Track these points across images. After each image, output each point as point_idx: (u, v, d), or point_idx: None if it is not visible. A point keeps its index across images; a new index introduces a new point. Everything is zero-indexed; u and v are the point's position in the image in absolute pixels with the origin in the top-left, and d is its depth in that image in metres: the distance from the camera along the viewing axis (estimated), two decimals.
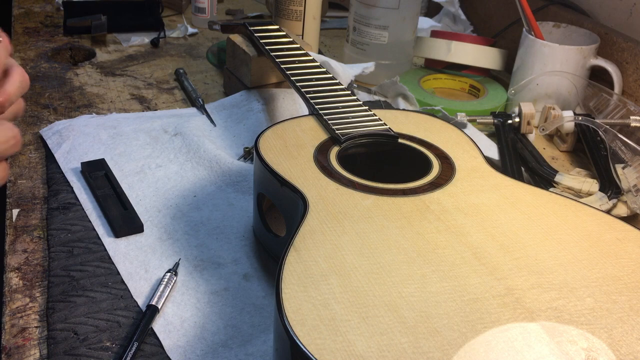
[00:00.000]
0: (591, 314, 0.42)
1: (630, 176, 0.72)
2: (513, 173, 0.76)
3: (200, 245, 0.61)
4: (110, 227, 0.62)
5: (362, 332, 0.38)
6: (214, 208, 0.67)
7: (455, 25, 1.24)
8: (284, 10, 0.94)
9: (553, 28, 0.94)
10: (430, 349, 0.38)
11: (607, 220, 0.52)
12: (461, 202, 0.53)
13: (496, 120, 0.85)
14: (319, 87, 0.70)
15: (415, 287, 0.43)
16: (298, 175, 0.55)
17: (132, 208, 0.65)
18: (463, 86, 1.01)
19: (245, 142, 0.79)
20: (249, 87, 0.86)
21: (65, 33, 1.09)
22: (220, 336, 0.51)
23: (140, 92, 0.92)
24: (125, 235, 0.61)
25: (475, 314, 0.41)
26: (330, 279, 0.42)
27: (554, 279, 0.45)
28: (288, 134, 0.62)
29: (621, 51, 0.89)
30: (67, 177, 0.69)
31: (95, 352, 0.49)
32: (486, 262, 0.46)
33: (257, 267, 0.59)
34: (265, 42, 0.81)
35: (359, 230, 0.48)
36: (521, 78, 0.90)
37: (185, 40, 1.13)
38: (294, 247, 0.46)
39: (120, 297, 0.55)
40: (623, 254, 0.48)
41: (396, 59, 1.00)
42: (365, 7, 0.97)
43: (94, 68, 0.98)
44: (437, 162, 0.59)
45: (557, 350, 0.38)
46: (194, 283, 0.57)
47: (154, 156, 0.74)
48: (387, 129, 0.63)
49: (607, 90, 0.86)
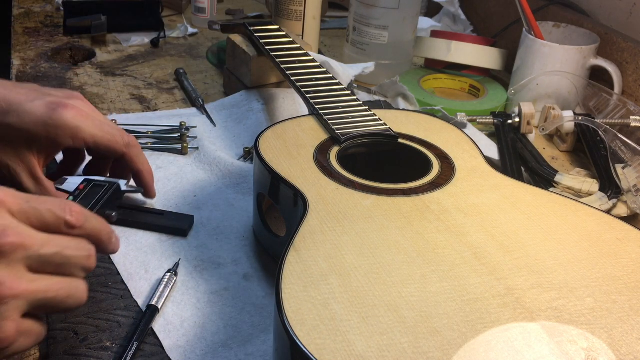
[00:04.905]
0: (591, 314, 0.42)
1: (630, 176, 0.72)
2: (513, 173, 0.76)
3: (200, 246, 0.61)
4: (175, 234, 0.62)
5: (362, 332, 0.38)
6: (214, 208, 0.67)
7: (455, 25, 1.24)
8: (284, 10, 0.94)
9: (553, 28, 0.94)
10: (430, 349, 0.38)
11: (607, 220, 0.52)
12: (461, 202, 0.53)
13: (496, 120, 0.85)
14: (319, 87, 0.70)
15: (415, 287, 0.43)
16: (298, 175, 0.55)
17: (166, 211, 0.65)
18: (463, 86, 1.01)
19: (245, 142, 0.79)
20: (249, 87, 0.86)
21: (65, 33, 1.09)
22: (220, 336, 0.51)
23: (140, 92, 0.92)
24: (190, 230, 0.63)
25: (475, 314, 0.41)
26: (330, 279, 0.42)
27: (554, 279, 0.45)
28: (288, 134, 0.62)
29: (621, 51, 0.89)
30: None
31: (95, 352, 0.49)
32: (486, 262, 0.46)
33: (257, 267, 0.59)
34: (265, 42, 0.81)
35: (359, 230, 0.48)
36: (521, 78, 0.90)
37: (185, 40, 1.13)
38: (294, 247, 0.46)
39: (120, 297, 0.55)
40: (623, 254, 0.48)
41: (396, 59, 1.00)
42: (365, 7, 0.97)
43: (94, 68, 0.98)
44: (437, 162, 0.59)
45: (557, 350, 0.38)
46: (194, 283, 0.57)
47: (155, 157, 0.74)
48: (387, 129, 0.63)
49: (607, 90, 0.86)
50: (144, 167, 0.63)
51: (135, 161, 0.62)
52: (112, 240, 0.47)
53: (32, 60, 0.98)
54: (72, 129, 0.56)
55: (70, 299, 0.42)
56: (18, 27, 1.11)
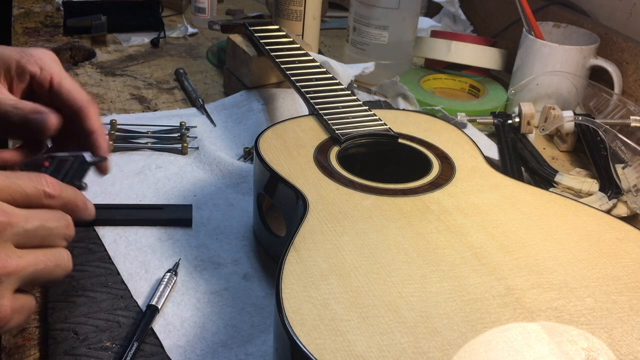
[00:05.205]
0: (591, 314, 0.42)
1: (630, 176, 0.72)
2: (513, 173, 0.76)
3: (200, 246, 0.61)
4: (180, 225, 0.63)
5: (362, 332, 0.38)
6: (214, 208, 0.67)
7: (455, 25, 1.24)
8: (284, 10, 0.94)
9: (553, 28, 0.94)
10: (430, 349, 0.38)
11: (607, 220, 0.52)
12: (461, 202, 0.53)
13: (496, 120, 0.85)
14: (319, 87, 0.70)
15: (415, 287, 0.43)
16: (298, 175, 0.55)
17: (165, 204, 0.66)
18: (463, 86, 1.01)
19: (245, 142, 0.79)
20: (249, 87, 0.86)
21: (65, 33, 1.09)
22: (220, 336, 0.51)
23: (140, 92, 0.92)
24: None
25: (475, 314, 0.41)
26: (330, 279, 0.42)
27: (554, 279, 0.45)
28: (288, 134, 0.62)
29: (621, 51, 0.89)
30: None
31: (95, 352, 0.49)
32: (486, 262, 0.46)
33: (257, 267, 0.59)
34: (265, 42, 0.81)
35: (359, 230, 0.48)
36: (521, 78, 0.90)
37: (185, 40, 1.13)
38: (294, 247, 0.46)
39: (120, 297, 0.55)
40: (623, 254, 0.48)
41: (396, 59, 1.00)
42: (365, 7, 0.97)
43: (94, 68, 0.98)
44: (437, 162, 0.59)
45: (557, 350, 0.38)
46: (194, 283, 0.57)
47: (155, 157, 0.74)
48: (387, 129, 0.63)
49: (607, 90, 0.86)
50: (100, 128, 0.59)
51: (94, 119, 0.58)
52: (88, 206, 0.49)
53: None
54: (42, 60, 0.57)
55: (58, 269, 0.44)
56: (18, 27, 1.11)
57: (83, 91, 0.58)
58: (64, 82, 0.57)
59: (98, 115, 0.59)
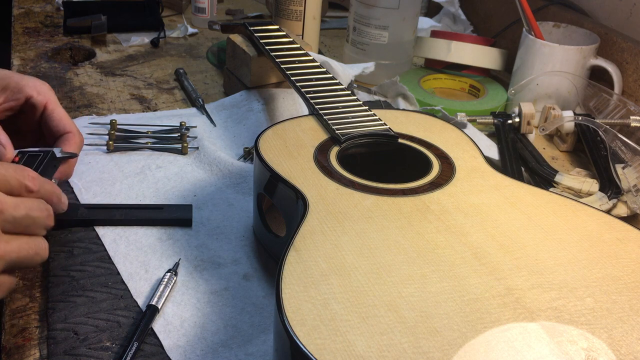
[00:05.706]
0: (591, 314, 0.42)
1: (630, 176, 0.72)
2: (513, 173, 0.76)
3: (200, 246, 0.61)
4: (180, 225, 0.64)
5: (362, 332, 0.38)
6: (214, 208, 0.67)
7: (455, 25, 1.24)
8: (284, 10, 0.94)
9: (553, 28, 0.94)
10: (430, 349, 0.38)
11: (607, 220, 0.52)
12: (461, 202, 0.53)
13: (496, 120, 0.85)
14: (319, 87, 0.70)
15: (415, 287, 0.43)
16: (298, 175, 0.55)
17: (164, 204, 0.66)
18: (463, 86, 1.01)
19: (245, 142, 0.79)
20: (249, 87, 0.86)
21: (65, 33, 1.09)
22: (220, 336, 0.51)
23: (140, 92, 0.92)
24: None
25: (475, 314, 0.41)
26: (330, 279, 0.42)
27: (554, 279, 0.45)
28: (288, 134, 0.62)
29: (621, 51, 0.89)
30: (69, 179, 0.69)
31: (95, 352, 0.49)
32: (486, 262, 0.46)
33: (257, 267, 0.59)
34: (265, 42, 0.81)
35: (359, 230, 0.48)
36: (521, 78, 0.90)
37: (185, 40, 1.13)
38: (294, 247, 0.46)
39: (120, 297, 0.55)
40: (623, 254, 0.48)
41: (396, 59, 1.00)
42: (365, 7, 0.97)
43: (94, 68, 0.98)
44: (437, 162, 0.59)
45: (557, 350, 0.38)
46: (194, 283, 0.57)
47: (155, 157, 0.74)
48: (387, 129, 0.63)
49: (607, 90, 0.86)
50: (77, 150, 0.63)
51: (75, 146, 0.62)
52: (62, 200, 0.53)
53: (32, 60, 0.98)
54: (40, 86, 0.62)
55: (37, 256, 0.47)
56: (18, 27, 1.11)
57: (72, 121, 0.64)
58: (57, 109, 0.62)
59: (81, 143, 0.64)
